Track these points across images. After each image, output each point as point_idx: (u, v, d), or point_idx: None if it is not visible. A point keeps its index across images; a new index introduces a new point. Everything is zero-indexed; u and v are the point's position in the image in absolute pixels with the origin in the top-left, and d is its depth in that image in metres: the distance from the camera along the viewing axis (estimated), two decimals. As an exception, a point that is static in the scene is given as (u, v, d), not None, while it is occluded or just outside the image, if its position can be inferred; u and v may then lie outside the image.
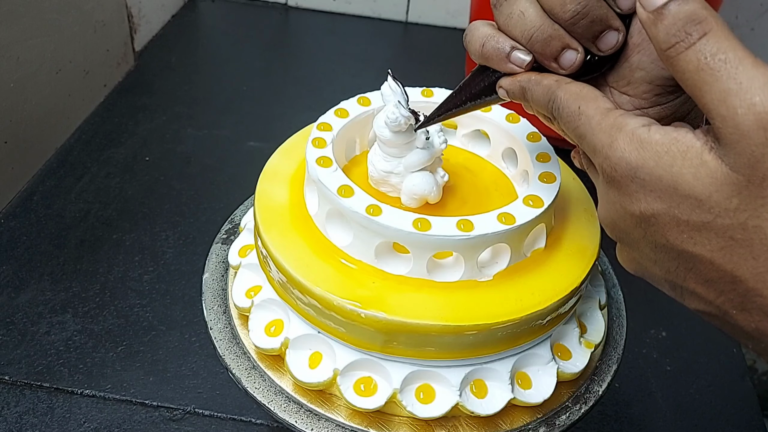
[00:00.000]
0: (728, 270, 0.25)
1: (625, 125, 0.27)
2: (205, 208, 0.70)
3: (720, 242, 0.25)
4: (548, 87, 0.31)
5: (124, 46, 0.87)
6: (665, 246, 0.27)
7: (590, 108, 0.29)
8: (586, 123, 0.28)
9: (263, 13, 1.06)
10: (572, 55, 0.31)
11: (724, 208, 0.24)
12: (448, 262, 0.38)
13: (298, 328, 0.38)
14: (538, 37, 0.31)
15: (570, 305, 0.39)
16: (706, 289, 0.27)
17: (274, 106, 0.86)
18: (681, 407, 0.57)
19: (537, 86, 0.31)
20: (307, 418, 0.38)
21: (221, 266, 0.46)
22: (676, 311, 0.65)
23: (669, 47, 0.25)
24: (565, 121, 0.30)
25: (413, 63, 0.99)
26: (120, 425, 0.51)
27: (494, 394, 0.37)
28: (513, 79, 0.33)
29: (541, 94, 0.31)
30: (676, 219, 0.26)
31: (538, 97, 0.31)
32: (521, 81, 0.32)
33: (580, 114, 0.29)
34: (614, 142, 0.27)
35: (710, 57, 0.24)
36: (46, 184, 0.71)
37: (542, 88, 0.31)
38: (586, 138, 0.28)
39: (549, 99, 0.31)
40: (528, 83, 0.32)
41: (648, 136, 0.26)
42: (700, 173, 0.25)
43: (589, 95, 0.29)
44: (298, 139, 0.45)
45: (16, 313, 0.58)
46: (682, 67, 0.25)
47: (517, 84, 0.32)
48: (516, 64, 0.32)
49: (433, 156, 0.39)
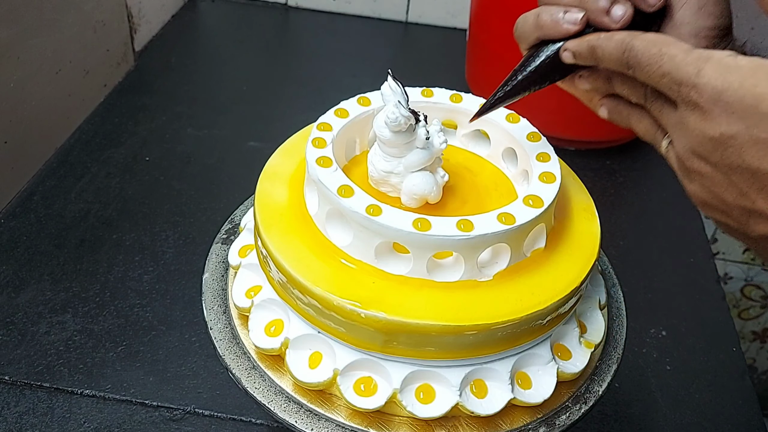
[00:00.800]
0: None
1: (712, 56, 0.29)
2: (205, 208, 0.70)
3: None
4: (621, 39, 0.32)
5: (124, 46, 0.87)
6: (740, 166, 0.28)
7: (672, 48, 0.30)
8: (669, 61, 0.30)
9: (263, 13, 1.06)
10: (621, 9, 0.33)
11: None
12: (448, 262, 0.38)
13: (298, 328, 0.38)
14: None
15: (570, 305, 0.39)
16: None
17: (274, 106, 0.86)
18: (681, 407, 0.57)
19: (608, 41, 0.33)
20: (307, 418, 0.38)
21: (221, 266, 0.46)
22: (676, 311, 0.65)
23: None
24: (644, 66, 0.31)
25: (413, 63, 0.99)
26: (120, 425, 0.51)
27: (494, 394, 0.37)
28: (580, 40, 0.35)
29: (615, 47, 0.33)
30: (754, 138, 0.27)
31: (611, 50, 0.33)
32: (590, 40, 0.34)
33: (662, 55, 0.30)
34: (701, 70, 0.29)
35: None
36: (46, 184, 0.71)
37: (615, 42, 0.33)
38: (670, 74, 0.30)
39: (624, 49, 0.32)
40: (598, 40, 0.34)
41: (735, 62, 0.28)
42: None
43: (668, 39, 0.31)
44: (298, 139, 0.45)
45: (16, 313, 0.58)
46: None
47: (585, 43, 0.34)
48: (570, 23, 0.34)
49: (433, 156, 0.39)
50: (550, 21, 0.35)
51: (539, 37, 0.36)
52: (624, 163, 0.81)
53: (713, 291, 0.67)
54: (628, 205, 0.77)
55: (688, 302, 0.66)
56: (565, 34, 0.35)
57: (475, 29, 0.83)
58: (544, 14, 0.35)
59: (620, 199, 0.77)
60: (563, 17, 0.35)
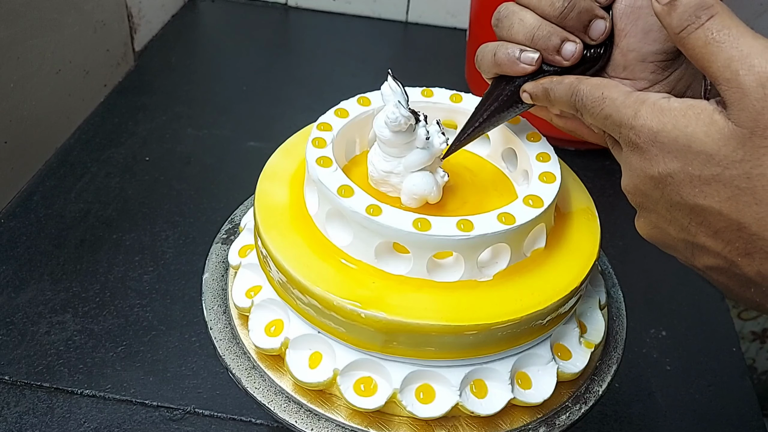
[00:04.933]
0: (734, 218, 0.28)
1: (648, 98, 0.30)
2: (205, 208, 0.70)
3: (727, 192, 0.28)
4: (570, 83, 0.34)
5: (124, 46, 0.87)
6: (679, 203, 0.30)
7: (613, 92, 0.32)
8: (610, 104, 0.32)
9: (263, 13, 1.06)
10: (571, 46, 0.35)
11: (731, 160, 0.27)
12: (448, 262, 0.38)
13: (298, 328, 0.38)
14: (539, 35, 0.35)
15: (570, 305, 0.39)
16: (714, 240, 0.29)
17: (274, 106, 0.86)
18: (681, 407, 0.57)
19: (559, 85, 0.35)
20: (307, 418, 0.38)
21: (221, 266, 0.46)
22: (676, 311, 0.65)
23: (681, 30, 0.29)
24: (589, 108, 0.33)
25: (413, 63, 0.99)
26: (120, 425, 0.51)
27: (494, 394, 0.37)
28: (535, 83, 0.37)
29: (564, 91, 0.35)
30: (689, 175, 0.29)
31: (561, 94, 0.35)
32: (543, 83, 0.36)
33: (604, 98, 0.32)
34: (638, 113, 0.30)
35: (716, 32, 0.28)
36: (46, 184, 0.71)
37: (564, 85, 0.35)
38: (611, 117, 0.32)
39: (572, 93, 0.34)
40: (550, 84, 0.36)
41: (668, 105, 0.30)
42: (711, 131, 0.28)
43: (610, 83, 0.33)
44: (298, 139, 0.45)
45: (16, 313, 0.58)
46: (692, 44, 0.28)
47: (539, 86, 0.36)
48: (526, 63, 0.36)
49: (433, 156, 0.39)
50: (507, 60, 0.36)
51: (497, 72, 0.38)
52: (624, 163, 0.81)
53: (713, 291, 0.67)
54: (628, 205, 0.76)
55: (688, 302, 0.66)
56: (522, 73, 0.36)
57: (475, 29, 0.83)
58: (501, 52, 0.36)
59: (620, 199, 0.76)
60: (519, 57, 0.36)
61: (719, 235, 0.29)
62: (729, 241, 0.29)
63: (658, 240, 0.33)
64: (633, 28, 0.35)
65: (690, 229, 0.30)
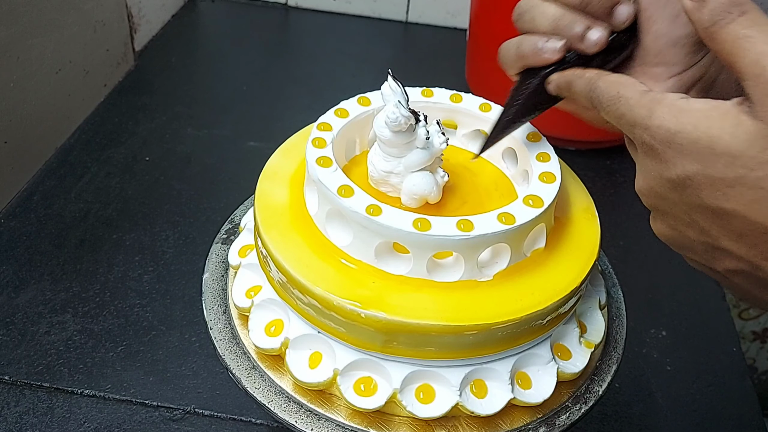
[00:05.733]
0: (760, 221, 0.27)
1: (664, 98, 0.30)
2: (205, 208, 0.70)
3: (752, 195, 0.27)
4: (589, 79, 0.34)
5: (124, 46, 0.87)
6: (700, 206, 0.29)
7: (628, 91, 0.31)
8: (625, 104, 0.31)
9: (263, 13, 1.06)
10: (596, 33, 0.34)
11: (758, 161, 0.26)
12: (448, 262, 0.38)
13: (298, 328, 0.38)
14: (562, 23, 0.35)
15: (570, 305, 0.39)
16: (738, 244, 0.28)
17: (274, 106, 0.86)
18: (681, 407, 0.57)
19: (579, 79, 0.34)
20: (307, 418, 0.38)
21: (221, 266, 0.46)
22: (677, 311, 0.65)
23: (711, 25, 0.28)
24: (605, 106, 0.32)
25: (413, 63, 0.99)
26: (120, 425, 0.51)
27: (494, 394, 0.37)
28: (561, 74, 0.36)
29: (583, 86, 0.34)
30: (710, 178, 0.28)
31: (581, 88, 0.34)
32: (567, 75, 0.35)
33: (619, 97, 0.31)
34: (653, 113, 0.29)
35: (747, 29, 0.27)
36: (46, 184, 0.71)
37: (584, 80, 0.34)
38: (625, 116, 0.31)
39: (590, 89, 0.33)
40: (572, 76, 0.35)
41: (687, 105, 0.29)
42: (737, 132, 0.27)
43: (627, 81, 0.32)
44: (298, 139, 0.45)
45: (16, 313, 0.58)
46: (722, 38, 0.28)
47: (563, 78, 0.35)
48: (551, 51, 0.35)
49: (433, 156, 0.39)
50: (531, 51, 0.36)
51: (522, 66, 0.37)
52: (624, 163, 0.81)
53: (713, 291, 0.67)
54: (628, 205, 0.77)
55: (688, 302, 0.66)
56: (547, 62, 0.36)
57: (475, 29, 0.83)
58: (525, 44, 0.36)
59: (620, 199, 0.77)
60: (543, 46, 0.35)
61: (743, 239, 0.28)
62: (754, 244, 0.28)
63: (674, 242, 0.32)
64: (661, 13, 0.34)
65: (711, 233, 0.29)
